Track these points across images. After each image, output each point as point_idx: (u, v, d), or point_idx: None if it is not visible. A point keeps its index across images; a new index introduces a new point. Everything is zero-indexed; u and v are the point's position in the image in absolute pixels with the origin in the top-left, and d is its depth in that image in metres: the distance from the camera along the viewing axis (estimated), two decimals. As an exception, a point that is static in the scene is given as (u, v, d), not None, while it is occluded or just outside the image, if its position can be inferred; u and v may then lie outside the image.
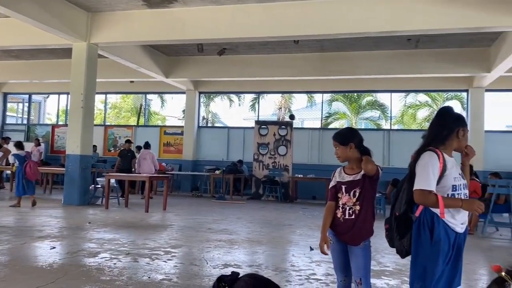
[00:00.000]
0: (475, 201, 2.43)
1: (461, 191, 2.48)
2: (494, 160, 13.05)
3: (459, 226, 2.47)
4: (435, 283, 2.43)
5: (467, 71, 11.94)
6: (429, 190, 2.41)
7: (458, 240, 2.47)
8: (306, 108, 21.68)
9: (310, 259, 5.18)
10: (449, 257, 2.45)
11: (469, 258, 5.21)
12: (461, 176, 2.52)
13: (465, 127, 2.56)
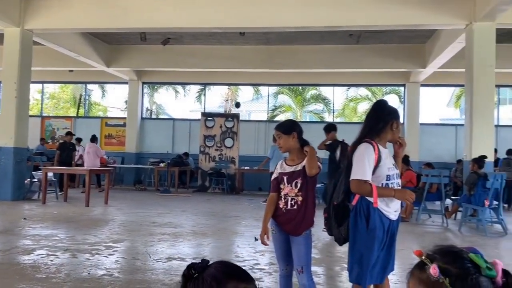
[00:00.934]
0: (406, 190, 2.58)
1: (394, 180, 2.62)
2: (428, 151, 13.82)
3: (393, 214, 2.60)
4: (371, 269, 2.55)
5: (404, 66, 12.52)
6: (364, 180, 2.52)
7: (392, 227, 2.61)
8: (252, 100, 21.82)
9: (254, 249, 5.24)
10: (384, 243, 2.58)
11: (404, 244, 5.49)
12: (394, 166, 2.66)
13: (398, 120, 2.69)
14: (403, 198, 2.55)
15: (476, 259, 1.00)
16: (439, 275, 0.98)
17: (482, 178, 7.28)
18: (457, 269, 0.99)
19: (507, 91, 16.51)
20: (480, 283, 0.96)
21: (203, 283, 1.07)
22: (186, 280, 1.10)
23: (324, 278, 4.14)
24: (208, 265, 1.13)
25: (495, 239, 6.80)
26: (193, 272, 1.10)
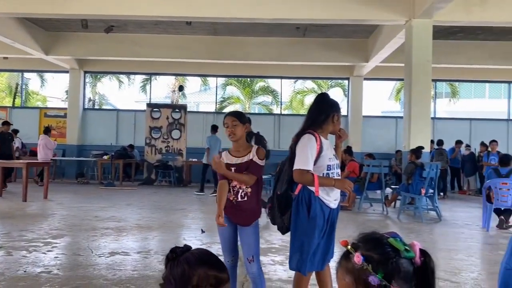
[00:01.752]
0: (345, 180, 2.69)
1: (335, 170, 2.71)
2: (370, 142, 14.35)
3: (333, 203, 2.69)
4: (311, 256, 2.63)
5: (348, 60, 12.88)
6: (306, 169, 2.59)
7: (332, 215, 2.70)
8: (200, 91, 21.56)
9: (201, 242, 5.22)
10: (324, 231, 2.66)
11: (346, 232, 5.69)
12: (334, 157, 2.75)
13: (339, 113, 2.78)
14: (342, 188, 2.64)
15: (395, 243, 1.05)
16: (362, 263, 1.02)
17: (419, 168, 7.68)
18: (378, 254, 1.04)
19: (443, 86, 17.44)
20: (400, 265, 1.03)
21: (177, 264, 1.18)
22: (167, 262, 1.21)
23: (269, 267, 4.20)
24: (188, 250, 1.22)
25: (430, 225, 7.21)
26: (174, 255, 1.21)
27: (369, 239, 1.10)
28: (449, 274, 4.25)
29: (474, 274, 4.28)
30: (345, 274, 1.06)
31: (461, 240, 6.07)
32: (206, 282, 1.15)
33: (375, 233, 1.12)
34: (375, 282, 1.01)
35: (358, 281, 1.03)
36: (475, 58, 12.23)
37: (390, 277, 1.02)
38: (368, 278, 1.02)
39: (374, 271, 1.02)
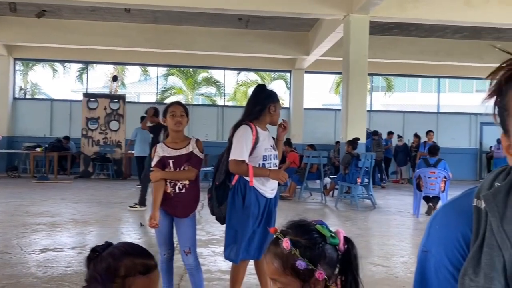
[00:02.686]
0: (280, 171, 2.74)
1: (271, 161, 2.75)
2: (311, 134, 14.70)
3: (269, 192, 2.74)
4: (247, 244, 2.67)
5: (290, 53, 13.06)
6: (241, 160, 2.63)
7: (269, 205, 2.74)
8: (140, 81, 20.97)
9: (139, 236, 5.11)
10: (260, 220, 2.70)
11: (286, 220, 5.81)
12: (272, 148, 2.79)
13: (276, 103, 2.80)
14: (277, 178, 2.68)
15: (321, 230, 1.11)
16: (290, 248, 1.06)
17: (355, 158, 7.99)
18: (306, 240, 1.09)
19: (379, 79, 18.21)
20: (325, 251, 1.09)
21: (101, 260, 1.15)
22: (89, 262, 1.18)
23: (209, 258, 4.20)
24: (110, 246, 1.20)
25: (365, 212, 7.54)
26: (95, 253, 1.17)
27: (297, 225, 1.14)
28: (382, 259, 4.48)
29: (404, 258, 4.53)
30: (273, 259, 1.10)
31: (393, 227, 6.42)
32: (135, 271, 1.14)
33: (303, 220, 1.17)
34: (302, 266, 1.06)
35: (286, 265, 1.07)
36: (408, 54, 12.86)
37: (316, 261, 1.07)
38: (295, 263, 1.06)
39: (301, 256, 1.06)
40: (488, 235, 0.79)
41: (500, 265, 0.76)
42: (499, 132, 0.84)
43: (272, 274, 1.11)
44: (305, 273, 1.07)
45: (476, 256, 0.79)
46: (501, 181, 0.84)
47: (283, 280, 1.09)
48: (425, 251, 0.88)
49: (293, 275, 1.07)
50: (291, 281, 1.08)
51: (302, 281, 1.08)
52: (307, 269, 1.07)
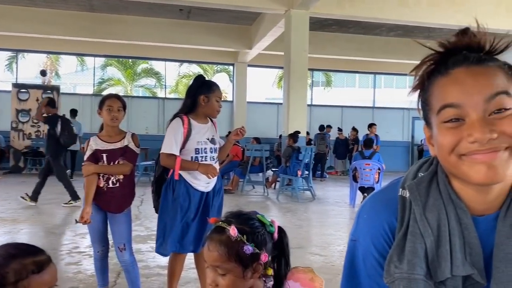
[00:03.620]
0: (209, 165, 2.68)
1: (207, 154, 2.73)
2: (255, 128, 14.77)
3: (203, 186, 2.72)
4: (179, 237, 2.67)
5: (232, 46, 13.02)
6: (170, 153, 2.63)
7: (206, 198, 2.72)
8: (77, 72, 20.03)
9: (74, 233, 4.90)
10: (195, 213, 2.68)
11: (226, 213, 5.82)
12: (209, 141, 2.75)
13: (208, 94, 2.73)
14: (205, 172, 2.66)
15: (262, 219, 1.21)
16: (237, 235, 1.14)
17: (296, 151, 8.16)
18: (250, 227, 1.18)
19: (320, 75, 18.69)
20: (265, 237, 1.20)
21: None
22: None
23: (148, 254, 4.12)
24: None
25: (305, 204, 7.74)
26: None
27: (240, 215, 1.22)
28: (320, 248, 4.63)
29: (340, 247, 4.70)
30: (218, 246, 1.15)
31: (331, 217, 6.64)
32: (26, 272, 1.05)
33: (242, 211, 1.25)
34: (249, 251, 1.14)
35: (231, 252, 1.14)
36: (346, 50, 13.27)
37: (260, 247, 1.17)
38: (242, 249, 1.14)
39: (247, 241, 1.15)
40: (412, 223, 0.82)
41: (422, 252, 0.80)
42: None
43: (215, 261, 1.15)
44: (248, 258, 1.15)
45: (401, 244, 0.82)
46: (424, 171, 0.88)
47: (226, 266, 1.15)
48: (354, 240, 0.91)
49: (237, 261, 1.14)
50: (233, 267, 1.14)
51: (244, 266, 1.15)
52: (252, 254, 1.15)
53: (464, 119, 0.74)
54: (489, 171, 0.73)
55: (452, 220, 0.80)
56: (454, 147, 0.75)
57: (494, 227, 0.81)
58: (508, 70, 0.78)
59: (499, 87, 0.74)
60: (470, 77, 0.75)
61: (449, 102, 0.75)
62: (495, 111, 0.73)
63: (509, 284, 0.77)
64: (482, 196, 0.80)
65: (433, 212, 0.81)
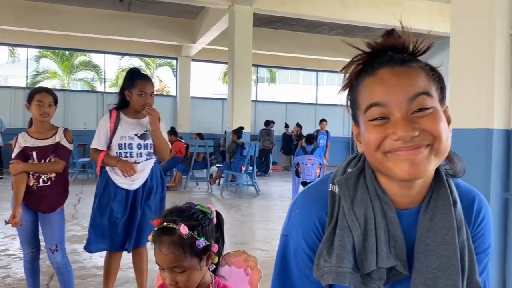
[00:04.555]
0: (128, 163, 2.59)
1: (133, 150, 2.63)
2: (199, 123, 14.66)
3: (126, 183, 2.63)
4: (109, 235, 2.61)
5: (175, 39, 12.77)
6: (96, 148, 2.63)
7: (134, 197, 2.65)
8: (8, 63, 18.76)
9: (4, 234, 4.60)
10: (124, 212, 2.62)
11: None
12: (137, 137, 2.65)
13: (131, 89, 2.63)
14: (122, 169, 2.58)
15: (203, 209, 1.25)
16: (189, 232, 1.16)
17: (240, 147, 8.17)
18: (196, 221, 1.20)
19: (264, 71, 18.82)
20: (212, 226, 1.25)
21: None
22: None
23: (84, 254, 3.95)
24: None
25: (249, 199, 7.78)
26: None
27: (181, 211, 1.23)
28: (262, 243, 4.67)
29: (282, 241, 4.77)
30: (171, 248, 1.16)
31: (274, 212, 6.73)
32: None
33: (178, 206, 1.27)
34: (202, 245, 1.17)
35: (186, 249, 1.16)
36: (290, 47, 13.47)
37: (209, 237, 1.21)
38: (195, 244, 1.16)
39: (198, 236, 1.18)
40: (341, 218, 0.84)
41: (350, 246, 0.82)
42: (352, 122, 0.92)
43: (172, 263, 1.16)
44: (201, 251, 1.18)
45: (330, 238, 0.84)
46: (353, 167, 0.90)
47: (184, 264, 1.17)
48: (286, 234, 0.92)
49: (192, 256, 1.17)
50: (190, 262, 1.17)
51: (199, 258, 1.19)
52: (205, 246, 1.19)
53: (389, 118, 0.77)
54: (412, 168, 0.76)
55: (378, 215, 0.83)
56: (379, 144, 0.78)
57: (416, 220, 0.85)
58: (430, 71, 0.82)
59: (421, 88, 0.77)
60: (394, 77, 0.78)
61: (375, 101, 0.78)
62: (417, 110, 0.76)
63: (429, 274, 0.81)
64: (405, 191, 0.84)
65: (361, 207, 0.84)
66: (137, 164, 2.63)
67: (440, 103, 0.80)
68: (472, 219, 0.88)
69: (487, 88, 3.02)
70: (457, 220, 0.83)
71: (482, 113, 3.05)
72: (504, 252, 2.99)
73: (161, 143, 2.70)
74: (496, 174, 2.97)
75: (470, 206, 0.88)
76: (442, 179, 0.85)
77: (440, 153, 0.78)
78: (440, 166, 0.86)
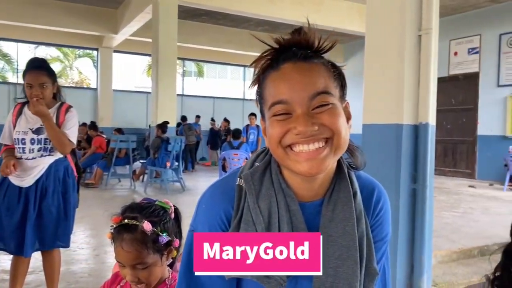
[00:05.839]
0: (7, 160, 2.41)
1: (25, 146, 2.47)
2: (122, 117, 14.13)
3: (18, 180, 2.47)
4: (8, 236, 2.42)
5: (96, 29, 12.14)
6: (2, 143, 2.54)
7: (27, 195, 2.47)
8: None
9: None
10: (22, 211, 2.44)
11: (91, 210, 5.46)
12: (32, 131, 2.48)
13: (24, 81, 2.48)
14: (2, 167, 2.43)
15: (162, 204, 1.30)
16: (152, 228, 1.18)
17: (165, 142, 7.99)
18: (157, 217, 1.23)
19: (192, 65, 18.58)
20: (172, 221, 1.29)
21: None
22: None
23: None
24: None
25: (175, 195, 7.63)
26: None
27: (141, 208, 1.24)
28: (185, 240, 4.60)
29: (207, 237, 4.74)
30: (134, 245, 1.16)
31: (200, 207, 6.66)
32: None
33: (136, 203, 1.29)
34: (165, 240, 1.20)
35: (148, 246, 1.17)
36: (216, 41, 13.41)
37: (170, 233, 1.25)
38: (157, 240, 1.19)
39: (161, 232, 1.20)
40: (245, 211, 0.85)
41: None
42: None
43: (135, 260, 1.17)
44: (163, 247, 1.21)
45: (235, 231, 0.85)
46: (260, 161, 0.91)
47: (147, 260, 1.18)
48: (193, 230, 0.91)
49: (155, 252, 1.19)
50: (153, 258, 1.19)
51: (161, 254, 1.21)
52: (168, 241, 1.22)
53: (291, 113, 0.79)
54: (312, 165, 0.79)
55: (282, 208, 0.85)
56: (281, 138, 0.80)
57: (320, 212, 0.87)
58: (331, 68, 0.84)
59: (321, 86, 0.80)
60: (296, 73, 0.80)
61: (279, 99, 0.80)
62: (318, 105, 0.79)
63: (330, 264, 0.84)
64: (308, 184, 0.86)
65: (265, 201, 0.85)
66: (28, 161, 2.44)
67: (340, 100, 0.83)
68: (371, 209, 0.91)
69: (397, 86, 3.22)
70: (357, 211, 0.87)
71: (393, 109, 3.24)
72: (412, 238, 3.21)
73: (53, 136, 2.42)
74: (405, 167, 3.17)
75: (370, 196, 0.92)
76: (343, 171, 0.89)
77: (339, 148, 0.81)
78: (342, 159, 0.90)
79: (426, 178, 3.11)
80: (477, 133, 10.53)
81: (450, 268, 3.89)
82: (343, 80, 0.86)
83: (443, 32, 9.89)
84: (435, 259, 3.75)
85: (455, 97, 10.93)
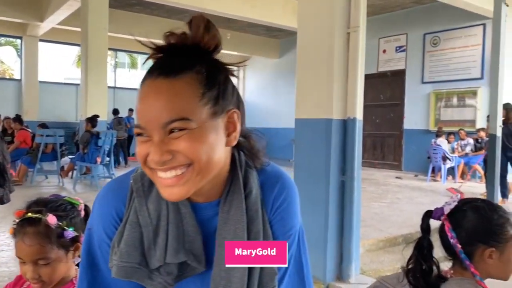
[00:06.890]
0: None
1: None
2: (50, 111, 13.34)
3: None
4: None
5: (19, 16, 11.30)
6: None
7: None
8: None
9: None
10: None
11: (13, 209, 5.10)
12: None
13: None
14: None
15: (71, 200, 1.25)
16: (57, 222, 1.14)
17: (95, 137, 7.65)
18: (64, 211, 1.19)
19: (125, 56, 17.92)
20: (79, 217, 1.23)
21: None
22: None
23: None
24: None
25: (107, 192, 7.35)
26: None
27: (46, 202, 1.21)
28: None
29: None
30: (36, 238, 1.12)
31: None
32: None
33: (44, 197, 1.24)
34: (70, 235, 1.16)
35: (52, 240, 1.13)
36: (151, 33, 12.46)
37: (77, 229, 1.20)
38: (62, 235, 1.15)
39: (67, 227, 1.17)
40: (132, 213, 0.84)
41: (137, 241, 0.83)
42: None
43: (37, 254, 1.12)
44: (69, 242, 1.17)
45: (121, 231, 0.84)
46: None
47: (50, 255, 1.13)
48: (89, 228, 0.89)
49: (59, 247, 1.15)
50: (57, 254, 1.15)
51: (66, 250, 1.17)
52: (74, 237, 1.17)
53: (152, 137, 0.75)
54: (171, 192, 0.75)
55: (172, 211, 0.84)
56: (145, 160, 0.76)
57: (217, 212, 0.86)
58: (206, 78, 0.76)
59: (176, 111, 0.72)
60: (153, 94, 0.74)
61: (137, 122, 0.76)
62: (173, 130, 0.73)
63: (223, 266, 0.82)
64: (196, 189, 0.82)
65: (155, 203, 0.84)
66: None
67: (209, 117, 0.75)
68: (271, 204, 0.88)
69: (327, 82, 3.31)
70: (252, 211, 0.85)
71: (323, 105, 3.33)
72: (341, 228, 3.33)
73: None
74: (334, 160, 3.28)
75: (271, 191, 0.89)
76: (237, 172, 0.85)
77: (202, 173, 0.75)
78: (240, 158, 0.87)
79: (354, 170, 3.24)
80: (403, 127, 11.16)
81: (377, 256, 4.10)
82: (225, 87, 0.78)
83: (373, 30, 10.34)
84: (363, 248, 3.92)
85: (384, 93, 11.50)
